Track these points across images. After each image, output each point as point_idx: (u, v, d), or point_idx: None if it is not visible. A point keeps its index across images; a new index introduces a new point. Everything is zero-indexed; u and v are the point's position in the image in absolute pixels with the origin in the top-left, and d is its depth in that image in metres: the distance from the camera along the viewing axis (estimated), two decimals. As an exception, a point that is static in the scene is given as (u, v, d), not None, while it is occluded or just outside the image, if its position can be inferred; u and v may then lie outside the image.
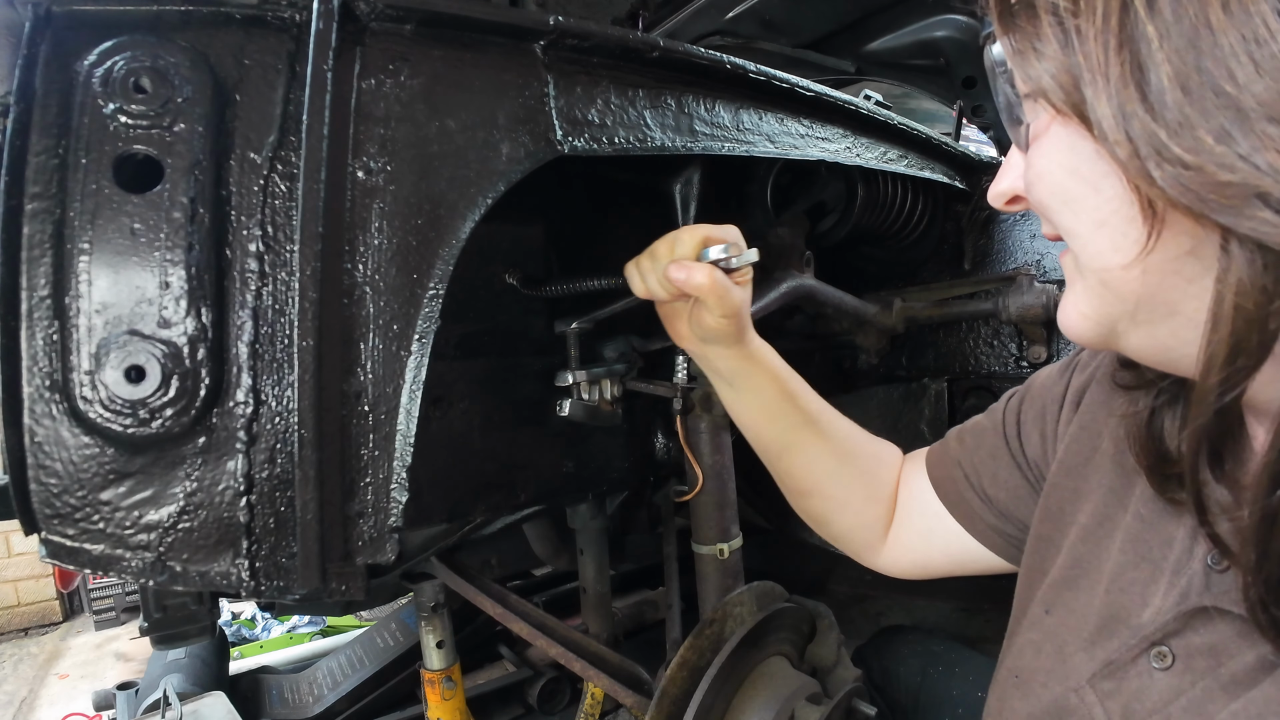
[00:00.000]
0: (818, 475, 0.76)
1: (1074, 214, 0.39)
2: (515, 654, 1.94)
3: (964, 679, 1.07)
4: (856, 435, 0.77)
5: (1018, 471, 0.66)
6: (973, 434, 0.71)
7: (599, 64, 0.69)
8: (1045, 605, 0.57)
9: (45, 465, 0.49)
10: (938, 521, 0.71)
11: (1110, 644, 0.50)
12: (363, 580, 0.56)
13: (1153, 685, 0.47)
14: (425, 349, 0.58)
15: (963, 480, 0.70)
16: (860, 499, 0.75)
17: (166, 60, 0.49)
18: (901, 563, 0.76)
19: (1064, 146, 0.38)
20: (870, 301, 1.45)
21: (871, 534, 0.76)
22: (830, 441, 0.75)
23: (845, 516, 0.76)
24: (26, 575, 3.21)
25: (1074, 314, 0.43)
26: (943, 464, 0.72)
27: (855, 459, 0.75)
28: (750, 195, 1.32)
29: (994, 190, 0.48)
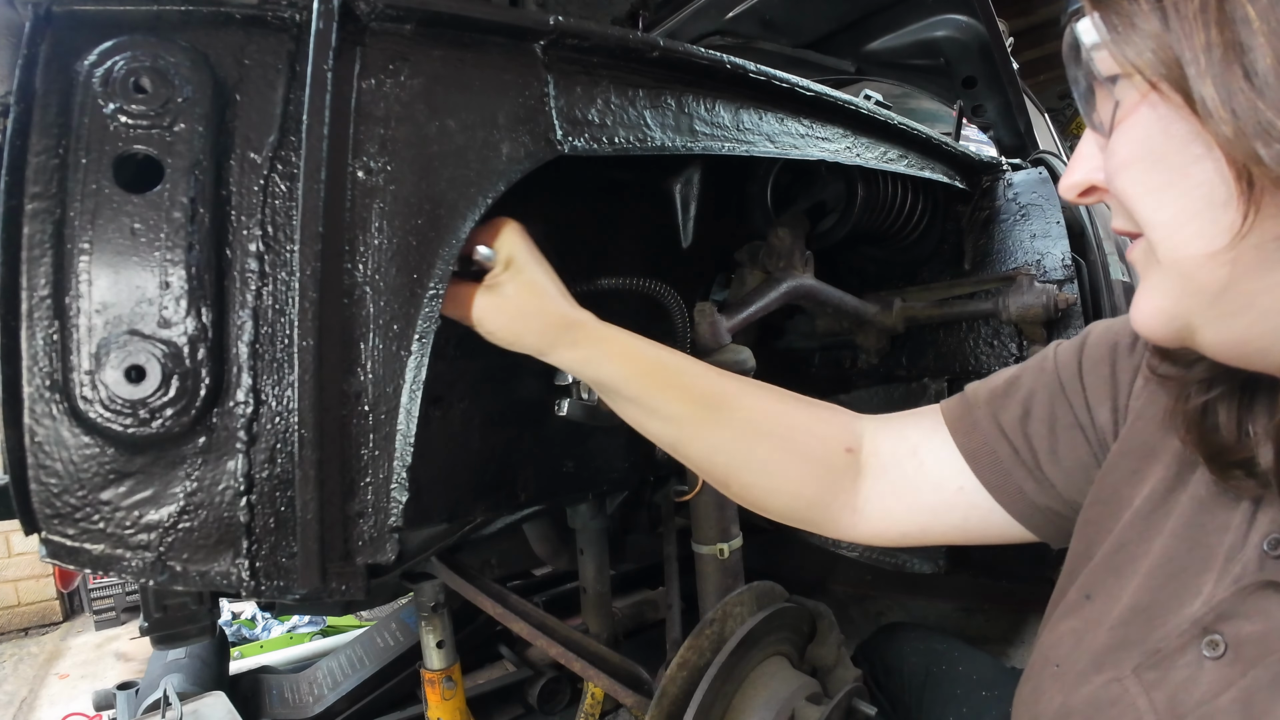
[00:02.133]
0: (722, 464, 0.67)
1: (1159, 203, 0.38)
2: (515, 654, 1.93)
3: (968, 678, 1.07)
4: (771, 410, 0.67)
5: (1086, 446, 0.58)
6: (1015, 398, 0.61)
7: (599, 64, 0.69)
8: (1086, 590, 0.54)
9: (45, 465, 0.49)
10: (964, 498, 0.62)
11: (1157, 632, 0.48)
12: (363, 580, 0.56)
13: (1202, 675, 0.45)
14: (425, 349, 0.58)
15: (1010, 456, 0.61)
16: (790, 479, 0.66)
17: (166, 60, 0.49)
18: (889, 534, 0.67)
19: (1155, 130, 0.37)
20: (870, 301, 1.45)
21: (824, 510, 0.67)
22: (729, 426, 0.66)
23: (777, 498, 0.68)
24: (27, 575, 3.20)
25: (1149, 309, 0.41)
26: (976, 433, 0.62)
27: (768, 435, 0.66)
28: (750, 195, 1.32)
29: (1067, 182, 0.45)
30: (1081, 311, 1.36)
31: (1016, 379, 0.63)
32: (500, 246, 0.64)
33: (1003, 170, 1.50)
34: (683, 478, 1.01)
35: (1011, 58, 1.62)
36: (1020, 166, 1.54)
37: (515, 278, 0.64)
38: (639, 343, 0.67)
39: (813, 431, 0.67)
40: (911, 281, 1.56)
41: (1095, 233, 1.49)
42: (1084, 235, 1.48)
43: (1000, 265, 1.45)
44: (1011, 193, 1.47)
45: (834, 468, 0.66)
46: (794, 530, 1.87)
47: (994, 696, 1.03)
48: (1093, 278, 1.46)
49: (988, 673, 1.08)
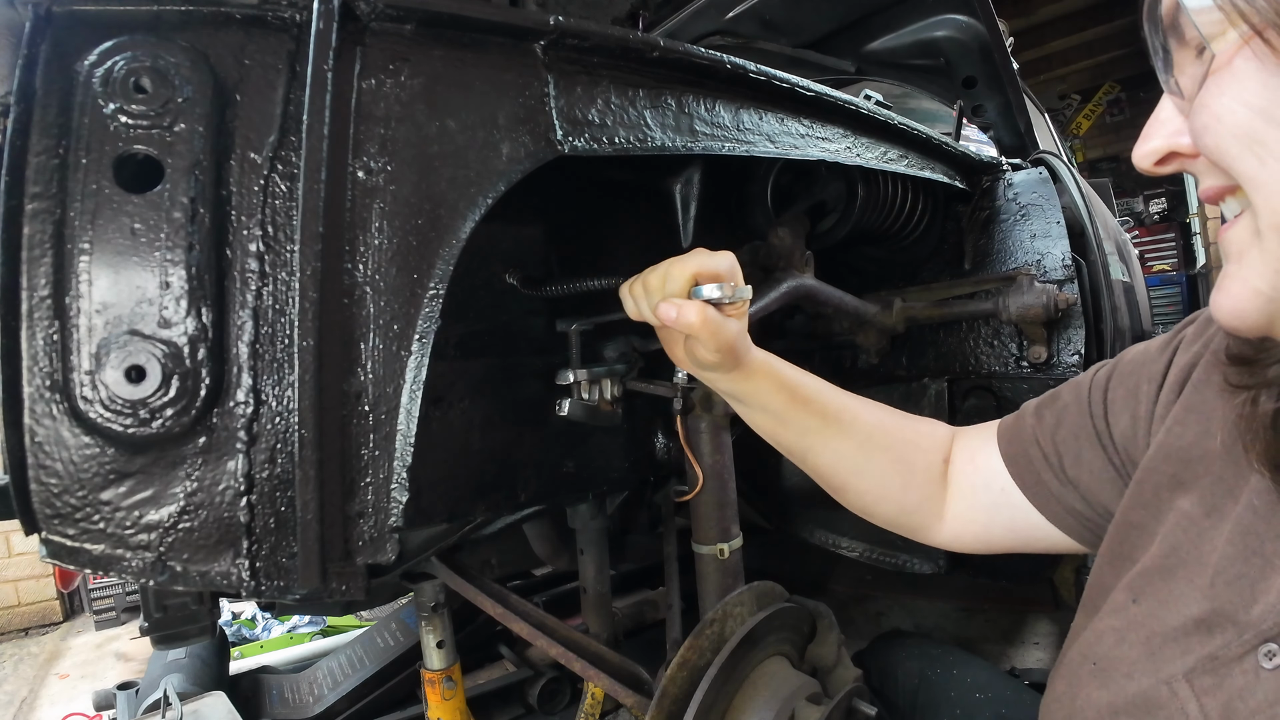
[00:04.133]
0: (844, 472, 0.75)
1: (1260, 160, 0.36)
2: (515, 654, 1.93)
3: (961, 681, 1.07)
4: (885, 424, 0.75)
5: (1102, 454, 0.63)
6: (1053, 410, 0.67)
7: (599, 64, 0.69)
8: (1133, 593, 0.54)
9: (46, 465, 0.49)
10: (1005, 498, 0.69)
11: (1213, 639, 0.47)
12: (363, 580, 0.56)
13: (1259, 685, 0.44)
14: (425, 349, 0.58)
15: (1040, 460, 0.66)
16: (897, 487, 0.74)
17: (167, 60, 0.49)
18: (963, 538, 0.74)
19: (1255, 84, 0.35)
20: (870, 301, 1.45)
21: (920, 516, 0.75)
22: (852, 437, 0.74)
23: (885, 505, 0.76)
24: (27, 575, 3.20)
25: (1245, 291, 0.39)
26: (1017, 440, 0.69)
27: (884, 449, 0.74)
28: (750, 195, 1.32)
29: (1144, 149, 0.43)
30: (1081, 311, 1.36)
31: (1058, 395, 0.69)
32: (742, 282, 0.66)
33: (1003, 170, 1.50)
34: (683, 478, 1.01)
35: (1011, 58, 1.62)
36: (1020, 166, 1.54)
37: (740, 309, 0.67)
38: (783, 365, 0.74)
39: (919, 445, 0.75)
40: (911, 281, 1.56)
41: (1095, 233, 1.49)
42: (1084, 235, 1.48)
43: (1000, 265, 1.45)
44: (1011, 193, 1.47)
45: (931, 479, 0.74)
46: (794, 530, 1.86)
47: (987, 699, 1.03)
48: (1093, 278, 1.46)
49: (981, 676, 1.08)
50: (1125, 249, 2.04)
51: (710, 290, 0.63)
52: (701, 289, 0.63)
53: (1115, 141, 7.07)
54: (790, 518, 1.75)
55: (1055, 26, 6.20)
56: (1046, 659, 2.02)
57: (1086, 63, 6.58)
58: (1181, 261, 6.17)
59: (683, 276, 0.63)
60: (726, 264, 0.65)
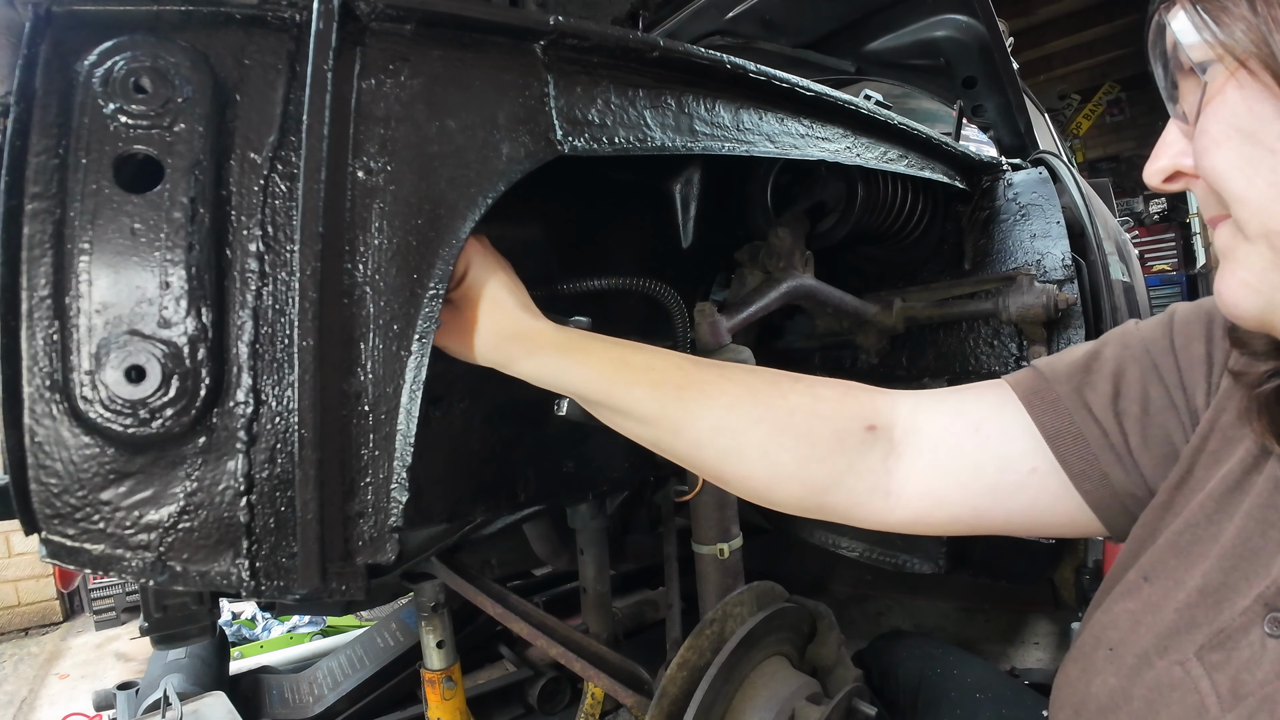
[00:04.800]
0: (714, 456, 0.63)
1: (1248, 178, 0.39)
2: (515, 654, 1.94)
3: (961, 681, 1.07)
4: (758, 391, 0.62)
5: (1180, 431, 0.54)
6: (1102, 376, 0.57)
7: (599, 64, 0.69)
8: (1144, 573, 0.53)
9: (45, 465, 0.49)
10: (1036, 479, 0.57)
11: (1224, 613, 0.47)
12: (363, 580, 0.56)
13: (1265, 655, 0.44)
14: (425, 349, 0.58)
15: (1099, 440, 0.56)
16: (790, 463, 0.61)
17: (166, 60, 0.49)
18: (934, 518, 0.61)
19: (1242, 110, 0.39)
20: (870, 301, 1.45)
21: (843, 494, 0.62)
22: (711, 411, 0.61)
23: (783, 487, 0.62)
24: (27, 575, 3.20)
25: (1235, 284, 0.43)
26: (1059, 412, 0.57)
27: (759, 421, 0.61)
28: (750, 195, 1.32)
29: (1153, 167, 0.47)
30: (1081, 311, 1.36)
31: (1098, 354, 0.58)
32: (456, 266, 0.61)
33: (1003, 170, 1.50)
34: (683, 478, 1.01)
35: (1011, 58, 1.62)
36: (1020, 166, 1.54)
37: (466, 293, 0.64)
38: (599, 343, 0.64)
39: (814, 411, 0.61)
40: (911, 281, 1.56)
41: (1095, 233, 1.49)
42: (1084, 235, 1.48)
43: (1000, 265, 1.45)
44: (1011, 193, 1.47)
45: (848, 448, 0.61)
46: (794, 530, 1.86)
47: (987, 698, 1.03)
48: (1093, 278, 1.46)
49: (981, 676, 1.08)
50: (1125, 249, 2.04)
51: None
52: None
53: (1115, 141, 7.07)
54: (790, 518, 1.75)
55: (1055, 26, 6.20)
56: (1046, 659, 2.02)
57: (1086, 63, 6.58)
58: (1181, 261, 6.17)
59: None
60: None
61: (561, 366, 0.64)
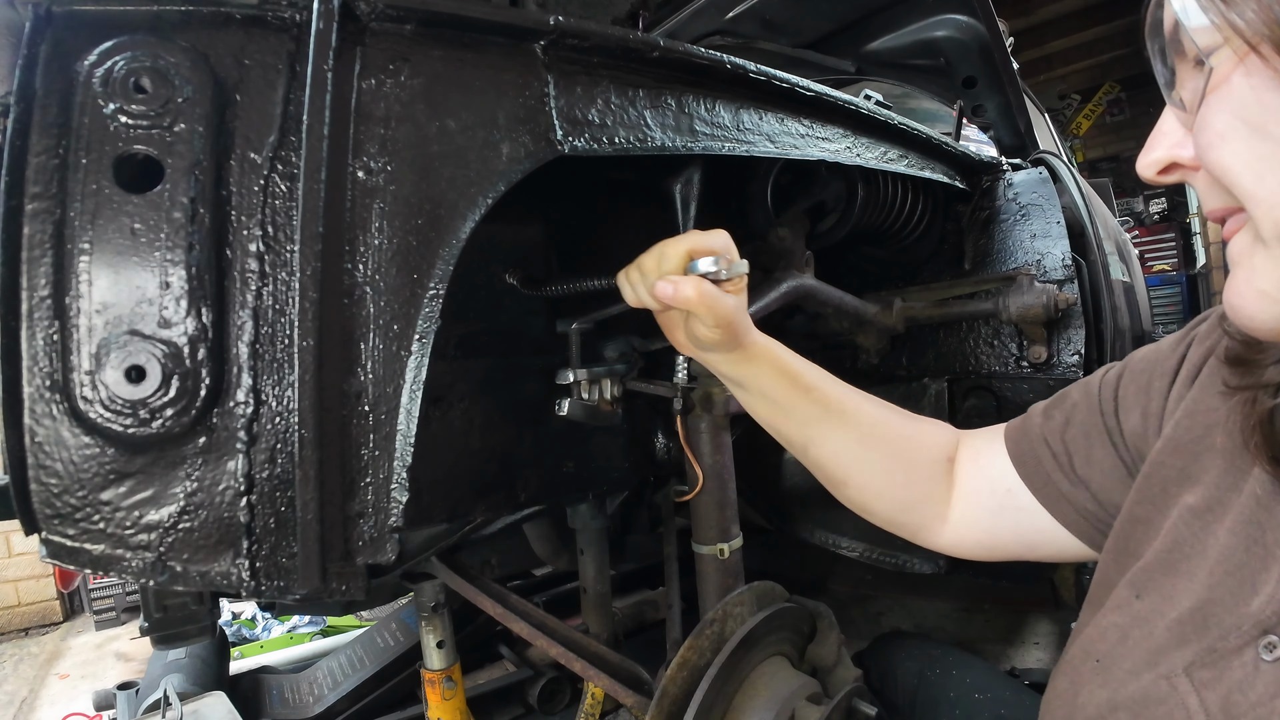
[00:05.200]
0: (845, 465, 0.74)
1: (1258, 175, 0.37)
2: (515, 654, 1.94)
3: (961, 681, 1.07)
4: (888, 420, 0.74)
5: (1113, 452, 0.62)
6: (1061, 410, 0.67)
7: (599, 64, 0.69)
8: (1136, 589, 0.54)
9: (45, 465, 0.49)
10: (1011, 499, 0.68)
11: (1213, 631, 0.47)
12: (363, 580, 0.56)
13: (1259, 677, 0.44)
14: (425, 349, 0.58)
15: (1049, 460, 0.66)
16: (898, 483, 0.73)
17: (166, 60, 0.49)
18: (966, 542, 0.73)
19: (1250, 100, 0.36)
20: (870, 301, 1.45)
21: (920, 515, 0.73)
22: (854, 430, 0.73)
23: (884, 502, 0.74)
24: (27, 575, 3.20)
25: (1250, 292, 0.40)
26: (1025, 440, 0.68)
27: (885, 443, 0.73)
28: (751, 195, 1.32)
29: (1147, 159, 0.44)
30: (1081, 311, 1.36)
31: (1066, 394, 0.68)
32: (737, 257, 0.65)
33: (1003, 170, 1.50)
34: (683, 478, 1.01)
35: (1011, 58, 1.62)
36: (1020, 166, 1.54)
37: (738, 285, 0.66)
38: (785, 352, 0.73)
39: (922, 443, 0.74)
40: (911, 281, 1.56)
41: (1095, 233, 1.49)
42: (1084, 235, 1.48)
43: (1000, 265, 1.45)
44: (1012, 193, 1.47)
45: (934, 477, 0.73)
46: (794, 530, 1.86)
47: (987, 699, 1.03)
48: (1093, 278, 1.45)
49: (980, 676, 1.08)
50: (1125, 249, 2.04)
51: (706, 264, 0.62)
52: (697, 264, 0.63)
53: (1115, 141, 7.07)
54: (790, 518, 1.75)
55: (1055, 26, 6.20)
56: (1046, 659, 2.02)
57: (1086, 63, 6.58)
58: (1181, 261, 6.17)
59: (677, 254, 0.63)
60: (721, 240, 0.64)
61: (768, 372, 0.72)
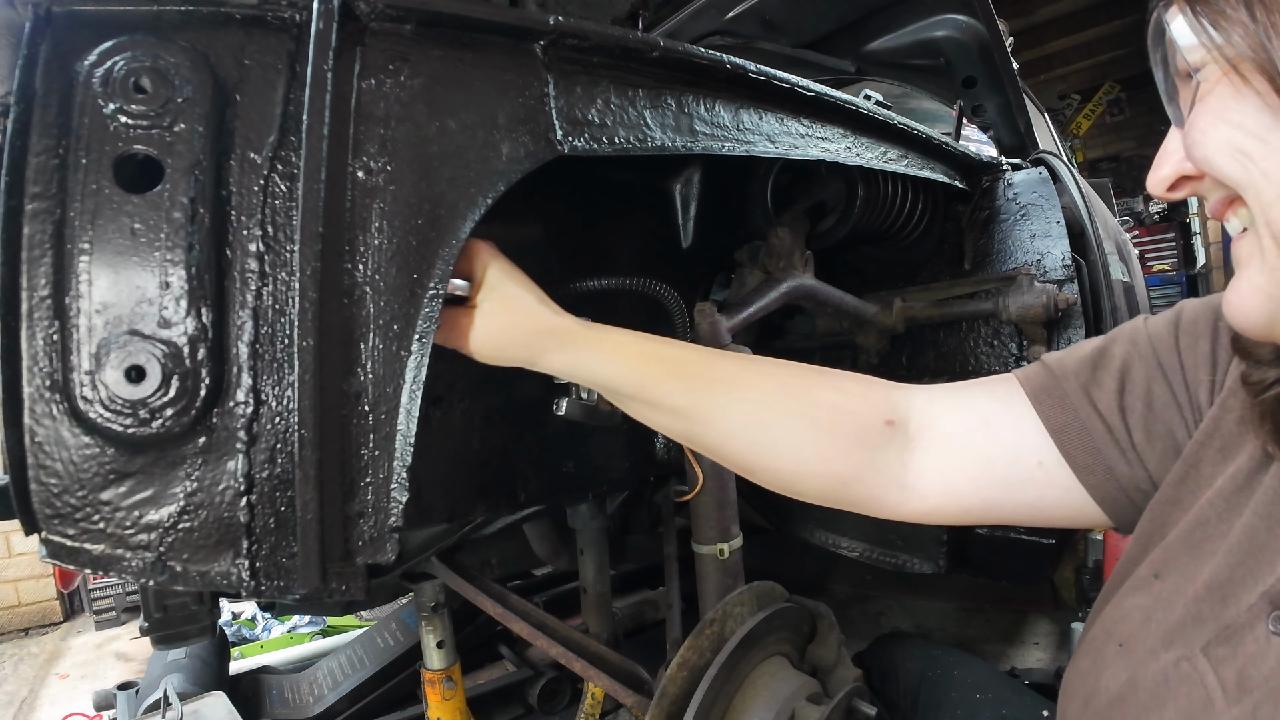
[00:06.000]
0: (742, 448, 0.64)
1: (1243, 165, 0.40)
2: (515, 654, 1.94)
3: (962, 681, 1.07)
4: (786, 386, 0.65)
5: (1183, 427, 0.55)
6: (1109, 373, 0.58)
7: (599, 64, 0.69)
8: (1155, 569, 0.53)
9: (45, 465, 0.49)
10: (1042, 474, 0.59)
11: (1230, 609, 0.47)
12: (363, 580, 0.56)
13: (1270, 649, 0.44)
14: (425, 349, 0.58)
15: (1102, 433, 0.57)
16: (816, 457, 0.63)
17: (166, 60, 0.49)
18: (948, 509, 0.63)
19: (1233, 105, 0.40)
20: (870, 301, 1.45)
21: (865, 487, 0.64)
22: (742, 405, 0.64)
23: (808, 480, 0.65)
24: (27, 575, 3.20)
25: (1249, 289, 0.43)
26: (1065, 408, 0.59)
27: (788, 415, 0.63)
28: (750, 195, 1.32)
29: (1155, 177, 0.46)
30: (1081, 311, 1.36)
31: (1106, 351, 0.59)
32: (474, 271, 0.65)
33: (1003, 170, 1.50)
34: (683, 478, 1.01)
35: (1011, 58, 1.62)
36: (1020, 166, 1.54)
37: (489, 295, 0.65)
38: (630, 338, 0.66)
39: (839, 406, 0.64)
40: (911, 281, 1.56)
41: (1095, 233, 1.49)
42: (1084, 235, 1.48)
43: (1000, 265, 1.45)
44: (1011, 193, 1.47)
45: (870, 442, 0.63)
46: (794, 530, 1.86)
47: (987, 699, 1.03)
48: (1093, 278, 1.45)
49: (981, 676, 1.08)
50: (1125, 249, 2.04)
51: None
52: None
53: (1115, 141, 7.07)
54: (790, 518, 1.75)
55: (1055, 26, 6.20)
56: (1046, 659, 2.02)
57: (1086, 63, 6.58)
58: (1181, 261, 6.17)
59: None
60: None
61: (594, 360, 0.65)
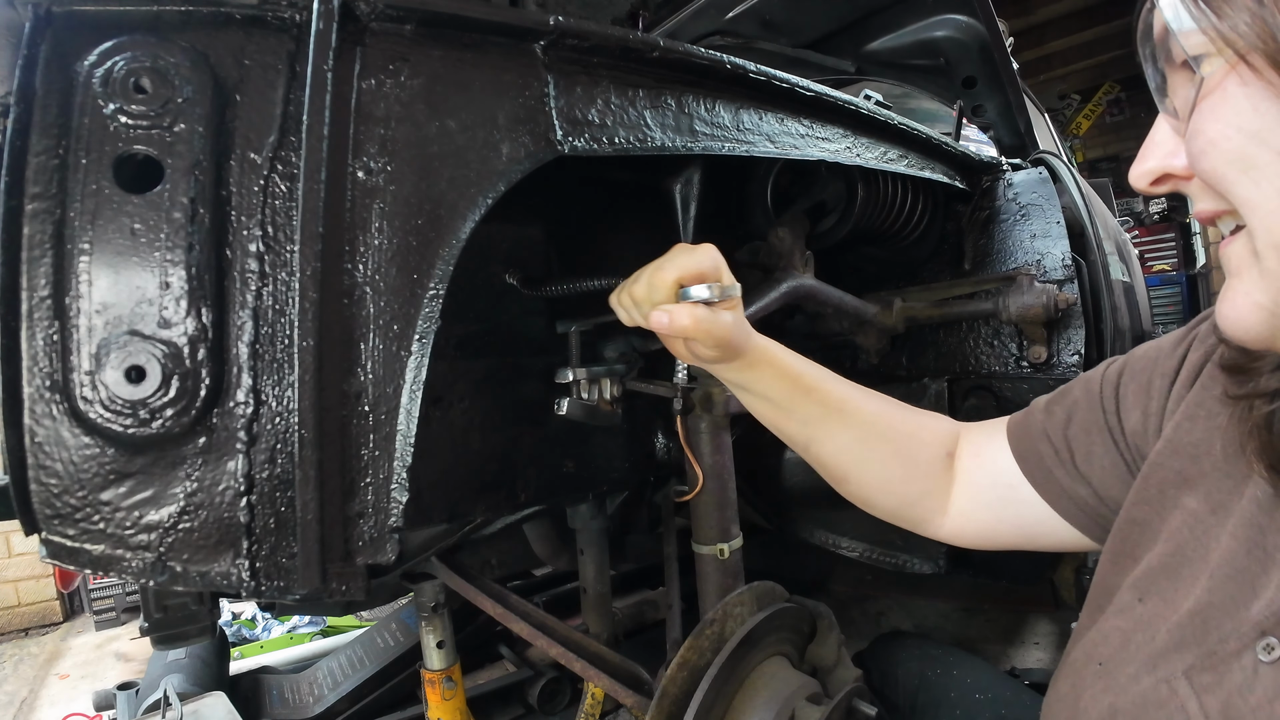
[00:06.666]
0: (846, 462, 0.75)
1: (1255, 182, 0.36)
2: (515, 654, 1.93)
3: (961, 681, 1.07)
4: (889, 417, 0.76)
5: (1114, 449, 0.63)
6: (1063, 405, 0.68)
7: (599, 64, 0.69)
8: (1139, 593, 0.54)
9: (45, 465, 0.49)
10: (1013, 493, 0.69)
11: (1213, 634, 0.47)
12: (363, 580, 0.56)
13: (1258, 680, 0.44)
14: (425, 349, 0.58)
15: (1051, 456, 0.67)
16: (898, 479, 0.74)
17: (166, 60, 0.49)
18: (966, 532, 0.74)
19: (1245, 108, 0.36)
20: (870, 301, 1.45)
21: (922, 509, 0.75)
22: (856, 428, 0.74)
23: (886, 496, 0.76)
24: (27, 575, 3.20)
25: (1246, 304, 0.40)
26: (1027, 436, 0.69)
27: (885, 440, 0.74)
28: (750, 195, 1.32)
29: (1139, 169, 0.44)
30: (1081, 311, 1.36)
31: (1069, 390, 0.69)
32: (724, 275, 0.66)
33: (1003, 170, 1.50)
34: (683, 478, 1.01)
35: (1011, 58, 1.62)
36: (1020, 166, 1.54)
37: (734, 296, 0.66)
38: (786, 354, 0.74)
39: (921, 438, 0.75)
40: (911, 281, 1.56)
41: (1095, 233, 1.49)
42: (1084, 235, 1.48)
43: (1000, 265, 1.45)
44: (1011, 193, 1.47)
45: (934, 472, 0.74)
46: (794, 530, 1.86)
47: (987, 700, 1.03)
48: (1093, 278, 1.46)
49: (981, 677, 1.08)
50: (1125, 249, 2.04)
51: (699, 291, 0.63)
52: (689, 291, 0.63)
53: (1115, 141, 7.07)
54: (790, 518, 1.75)
55: (1055, 26, 6.20)
56: (1046, 659, 2.02)
57: (1086, 63, 6.57)
58: (1181, 261, 6.16)
59: (665, 284, 0.63)
60: (709, 262, 0.64)
61: (769, 376, 0.73)
